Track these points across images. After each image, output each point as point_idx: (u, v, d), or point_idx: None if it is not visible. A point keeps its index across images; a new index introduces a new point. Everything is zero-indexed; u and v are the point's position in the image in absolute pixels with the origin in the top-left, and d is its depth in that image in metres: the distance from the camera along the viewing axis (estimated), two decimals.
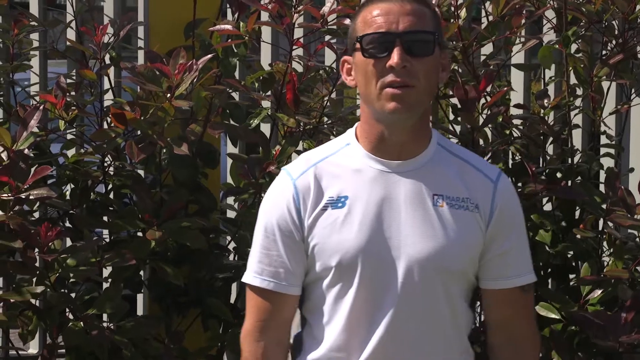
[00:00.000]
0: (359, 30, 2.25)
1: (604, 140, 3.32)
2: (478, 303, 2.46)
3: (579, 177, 3.17)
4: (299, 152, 3.27)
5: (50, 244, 2.88)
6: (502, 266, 2.32)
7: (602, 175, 3.19)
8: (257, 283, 2.29)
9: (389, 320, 2.24)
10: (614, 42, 3.16)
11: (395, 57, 2.19)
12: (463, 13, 3.03)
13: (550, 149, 3.28)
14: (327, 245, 2.24)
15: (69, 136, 3.44)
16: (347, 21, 3.06)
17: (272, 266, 2.28)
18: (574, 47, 3.09)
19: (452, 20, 2.99)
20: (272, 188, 2.33)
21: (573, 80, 3.18)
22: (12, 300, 2.96)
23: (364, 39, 2.22)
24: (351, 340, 2.25)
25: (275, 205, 2.29)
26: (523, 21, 3.04)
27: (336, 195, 2.26)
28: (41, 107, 3.00)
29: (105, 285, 3.31)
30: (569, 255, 3.15)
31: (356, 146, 2.30)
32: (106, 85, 3.42)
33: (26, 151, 2.91)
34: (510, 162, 3.22)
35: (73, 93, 3.26)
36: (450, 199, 2.27)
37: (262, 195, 3.16)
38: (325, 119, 3.28)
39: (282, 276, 2.28)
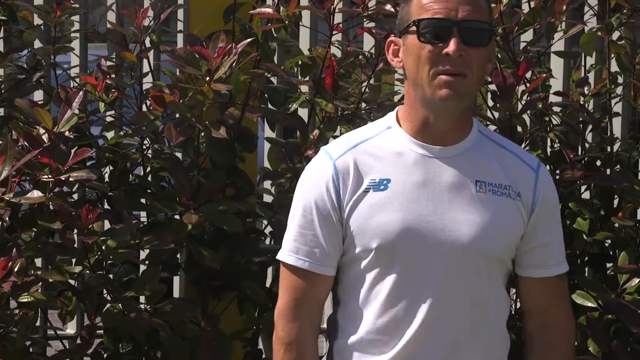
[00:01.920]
0: (415, 14, 2.24)
1: None
2: (513, 290, 2.46)
3: (618, 166, 3.16)
4: (336, 137, 3.27)
5: (90, 226, 2.89)
6: (544, 255, 2.33)
7: None
8: (292, 261, 2.29)
9: (430, 304, 2.24)
10: None
11: (452, 45, 2.19)
12: None
13: (589, 137, 3.26)
14: (368, 227, 2.24)
15: (109, 118, 3.46)
16: (388, 6, 3.06)
17: (307, 245, 2.28)
18: (616, 34, 3.07)
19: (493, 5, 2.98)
20: (311, 167, 2.33)
21: (614, 67, 3.16)
22: (51, 280, 2.98)
23: (421, 23, 2.22)
24: (391, 323, 2.26)
25: (314, 184, 2.29)
26: (565, 7, 3.02)
27: (378, 178, 2.26)
28: (84, 89, 3.02)
29: (142, 267, 3.34)
30: (606, 244, 3.14)
31: (398, 130, 2.30)
32: (146, 68, 3.44)
33: (67, 133, 2.93)
34: (549, 149, 3.20)
35: (113, 76, 3.27)
36: (492, 185, 2.27)
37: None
38: (364, 104, 3.28)
39: (318, 256, 2.28)
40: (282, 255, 2.32)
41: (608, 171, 3.13)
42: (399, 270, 2.24)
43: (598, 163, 3.17)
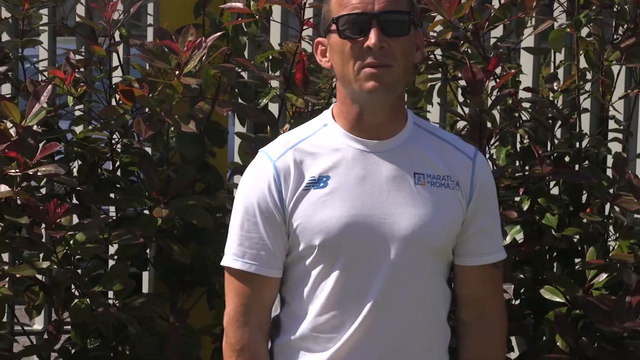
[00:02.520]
0: (334, 12, 2.25)
1: (612, 125, 3.31)
2: None
3: (587, 161, 3.17)
4: None
5: (58, 220, 2.88)
6: (480, 243, 2.34)
7: (610, 160, 3.19)
8: (238, 266, 2.28)
9: (375, 299, 2.24)
10: (624, 26, 3.15)
11: (372, 38, 2.20)
12: None
13: (558, 133, 3.28)
14: (310, 225, 2.24)
15: (77, 112, 3.44)
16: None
17: (253, 249, 2.27)
18: (585, 30, 3.09)
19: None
20: (251, 170, 2.32)
21: (583, 64, 3.18)
22: (18, 276, 2.96)
23: (339, 20, 2.23)
24: (335, 319, 2.25)
25: (255, 186, 2.28)
26: (535, 3, 3.03)
27: (317, 175, 2.26)
28: (52, 83, 3.00)
29: (110, 262, 3.32)
30: (575, 239, 3.15)
31: (334, 126, 2.30)
32: (115, 62, 3.42)
33: (35, 127, 2.91)
34: (518, 145, 3.21)
35: (82, 69, 3.25)
36: (431, 177, 2.28)
37: None
38: (334, 99, 3.27)
39: (264, 258, 2.27)
40: (227, 261, 2.31)
41: (577, 167, 3.15)
42: (343, 266, 2.24)
43: (567, 159, 3.18)
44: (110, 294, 3.21)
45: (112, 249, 3.25)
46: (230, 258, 2.30)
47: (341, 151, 2.27)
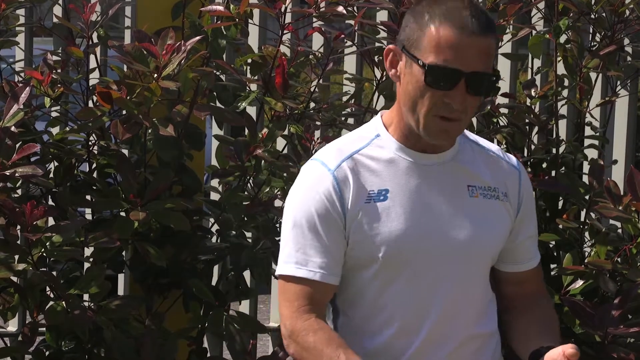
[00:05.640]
0: (426, 47, 2.18)
1: (588, 131, 3.33)
2: None
3: (564, 168, 3.19)
4: (285, 137, 3.27)
5: (34, 222, 2.86)
6: (530, 248, 2.41)
7: (586, 167, 3.21)
8: (302, 274, 2.24)
9: (437, 315, 2.26)
10: (602, 34, 3.17)
11: (458, 97, 2.17)
12: None
13: (535, 139, 3.29)
14: (373, 238, 2.23)
15: (54, 114, 3.42)
16: (340, 8, 3.06)
17: (316, 257, 2.24)
18: (563, 37, 3.11)
19: None
20: (307, 177, 2.29)
21: (561, 70, 3.19)
22: None
23: (429, 67, 2.17)
24: (398, 335, 2.26)
25: (315, 195, 2.25)
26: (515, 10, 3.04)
27: (377, 189, 2.25)
28: (30, 85, 2.98)
29: (86, 264, 3.30)
30: (551, 245, 3.17)
31: (387, 137, 2.30)
32: (93, 64, 3.40)
33: (13, 128, 2.89)
34: None
35: (59, 70, 3.23)
36: (482, 189, 2.31)
37: (248, 178, 3.16)
38: (313, 104, 3.28)
39: (327, 266, 2.24)
40: (288, 269, 2.26)
41: (553, 173, 3.16)
42: (405, 281, 2.25)
43: (544, 165, 3.20)
44: (86, 296, 3.19)
45: (88, 251, 3.24)
46: (293, 267, 2.26)
47: (395, 163, 2.27)
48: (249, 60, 3.28)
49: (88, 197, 3.26)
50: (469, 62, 2.16)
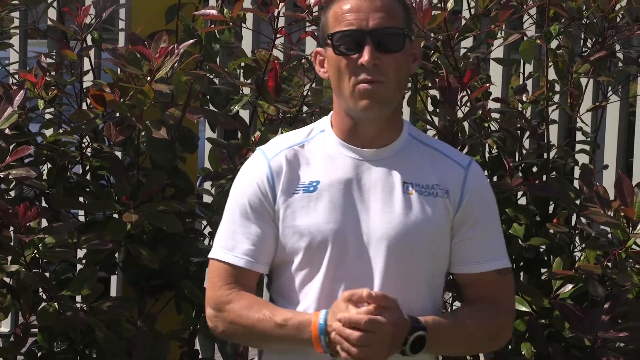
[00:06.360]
0: (330, 26, 2.27)
1: (579, 136, 3.35)
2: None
3: (554, 172, 3.20)
4: None
5: (28, 224, 2.87)
6: (472, 252, 2.33)
7: (577, 172, 3.22)
8: (227, 259, 2.29)
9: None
10: (593, 39, 3.19)
11: (365, 56, 2.22)
12: (450, 4, 3.05)
13: (526, 144, 3.31)
14: (297, 228, 2.27)
15: (48, 116, 3.43)
16: None
17: (243, 243, 2.29)
18: (554, 43, 3.12)
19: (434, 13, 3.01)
20: (247, 166, 2.35)
21: (552, 75, 3.21)
22: None
23: (334, 36, 2.25)
24: None
25: (249, 183, 2.31)
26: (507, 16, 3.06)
27: (308, 180, 2.29)
28: (25, 87, 2.99)
29: (79, 266, 3.31)
30: (541, 249, 3.18)
31: (330, 134, 2.33)
32: (86, 67, 3.41)
33: (7, 131, 2.90)
34: (487, 155, 3.24)
35: (53, 73, 3.25)
36: (419, 186, 2.31)
37: None
38: (305, 107, 3.29)
39: (253, 253, 2.29)
40: (216, 253, 2.32)
41: (544, 177, 3.18)
42: (327, 270, 2.26)
43: (534, 169, 3.21)
44: (78, 297, 3.20)
45: (81, 253, 3.25)
46: (221, 251, 2.31)
47: (334, 159, 2.30)
48: (242, 64, 3.29)
49: (81, 199, 3.28)
50: (368, 21, 2.23)
